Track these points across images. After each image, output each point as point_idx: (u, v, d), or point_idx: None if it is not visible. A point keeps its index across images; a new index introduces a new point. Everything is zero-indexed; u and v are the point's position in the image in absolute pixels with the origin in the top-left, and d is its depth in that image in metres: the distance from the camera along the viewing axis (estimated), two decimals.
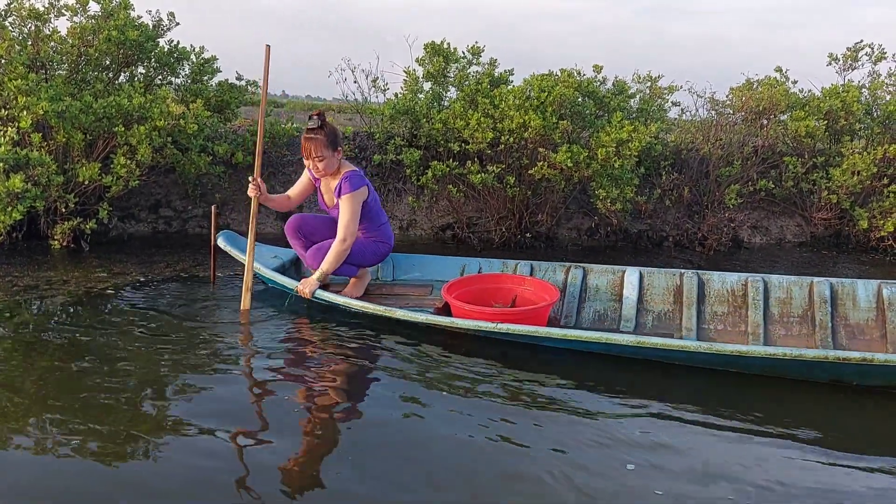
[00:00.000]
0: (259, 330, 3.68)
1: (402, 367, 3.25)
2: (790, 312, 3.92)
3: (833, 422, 2.87)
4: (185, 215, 6.30)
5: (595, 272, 4.28)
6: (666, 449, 2.53)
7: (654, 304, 4.11)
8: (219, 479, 2.22)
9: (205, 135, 5.95)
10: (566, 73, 6.30)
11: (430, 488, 2.22)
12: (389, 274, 4.59)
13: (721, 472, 2.39)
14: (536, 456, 2.43)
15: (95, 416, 2.57)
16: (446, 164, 5.94)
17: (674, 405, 2.90)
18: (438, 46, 6.42)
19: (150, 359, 3.17)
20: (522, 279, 4.14)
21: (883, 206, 6.18)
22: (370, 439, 2.53)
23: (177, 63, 6.24)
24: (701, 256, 6.04)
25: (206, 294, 4.29)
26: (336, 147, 3.96)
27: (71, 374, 2.94)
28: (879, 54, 6.81)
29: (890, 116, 6.40)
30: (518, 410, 2.81)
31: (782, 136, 6.63)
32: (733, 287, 4.03)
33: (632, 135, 5.67)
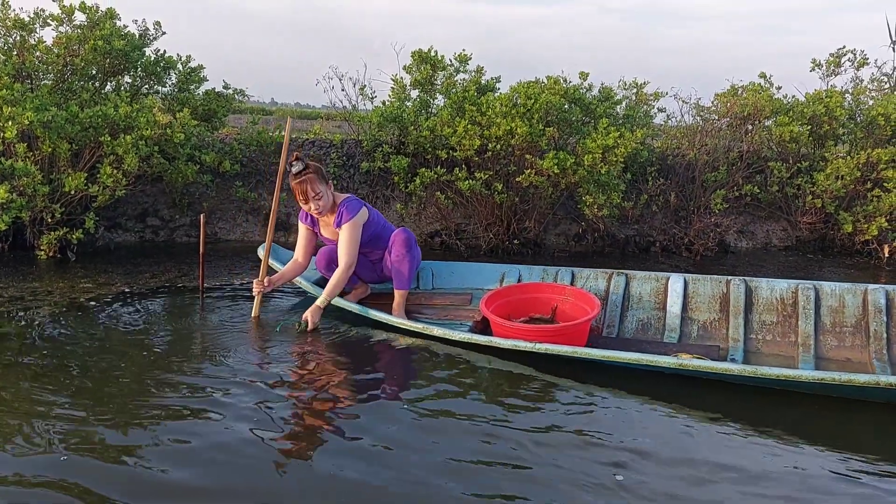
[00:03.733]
0: (263, 337, 3.67)
1: (406, 371, 3.26)
2: (843, 322, 3.73)
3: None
4: (173, 224, 6.29)
5: (638, 279, 4.15)
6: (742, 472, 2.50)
7: (699, 312, 3.97)
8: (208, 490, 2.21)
9: (192, 144, 5.95)
10: (552, 80, 6.33)
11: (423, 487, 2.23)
12: (428, 283, 4.50)
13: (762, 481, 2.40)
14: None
15: (80, 430, 2.55)
16: (434, 171, 5.96)
17: (730, 422, 2.81)
18: (426, 54, 6.44)
19: (136, 370, 3.15)
20: (563, 289, 4.01)
21: (867, 210, 6.23)
22: (368, 445, 2.53)
23: (163, 72, 6.23)
24: (688, 261, 6.07)
25: (194, 303, 4.28)
26: (327, 180, 3.94)
27: (55, 386, 2.92)
28: (862, 60, 6.89)
29: (873, 121, 6.47)
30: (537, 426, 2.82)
31: (767, 141, 6.69)
32: (782, 295, 3.86)
33: (618, 141, 5.70)
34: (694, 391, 3.10)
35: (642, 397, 3.02)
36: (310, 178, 3.81)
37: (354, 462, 2.40)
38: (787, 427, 2.78)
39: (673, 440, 2.68)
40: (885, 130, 6.46)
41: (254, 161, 6.52)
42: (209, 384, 3.01)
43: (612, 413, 2.90)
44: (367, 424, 2.70)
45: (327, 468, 2.35)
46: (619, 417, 2.87)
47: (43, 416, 2.64)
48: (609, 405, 2.97)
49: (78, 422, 2.61)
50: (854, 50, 6.93)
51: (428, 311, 4.15)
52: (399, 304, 4.03)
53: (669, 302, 4.00)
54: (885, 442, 2.75)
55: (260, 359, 3.38)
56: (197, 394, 2.92)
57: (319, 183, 3.85)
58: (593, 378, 3.20)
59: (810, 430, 2.79)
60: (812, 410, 2.96)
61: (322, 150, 6.68)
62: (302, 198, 3.87)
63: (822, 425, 2.87)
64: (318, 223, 4.09)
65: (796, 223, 6.65)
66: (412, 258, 4.05)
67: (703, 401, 3.01)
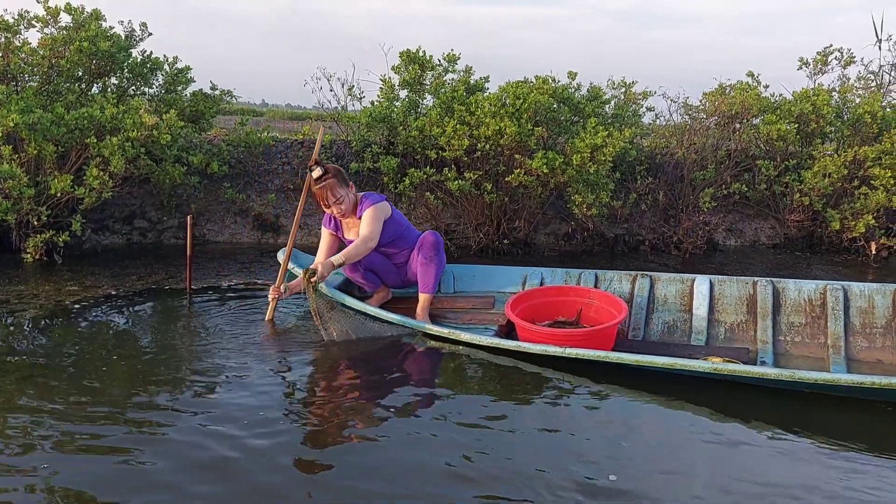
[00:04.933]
0: (261, 338, 3.64)
1: (428, 375, 3.26)
2: (873, 323, 3.67)
3: None
4: (161, 226, 6.25)
5: (663, 281, 4.10)
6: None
7: (725, 314, 3.90)
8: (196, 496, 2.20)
9: (179, 145, 5.92)
10: (541, 80, 6.33)
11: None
12: (450, 286, 4.45)
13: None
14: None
15: (66, 433, 2.53)
16: (423, 171, 5.95)
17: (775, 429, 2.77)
18: (414, 54, 6.43)
19: (123, 373, 3.13)
20: (588, 292, 3.97)
21: (854, 208, 6.26)
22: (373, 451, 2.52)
23: (150, 73, 6.20)
24: (677, 259, 6.09)
25: (182, 305, 4.25)
26: (347, 182, 3.92)
27: (41, 390, 2.90)
28: (848, 58, 6.92)
29: (859, 119, 6.51)
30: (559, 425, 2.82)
31: (755, 139, 6.71)
32: (810, 296, 3.81)
33: (606, 140, 5.70)
34: (721, 394, 3.07)
35: (669, 400, 3.00)
36: (330, 183, 3.80)
37: (364, 465, 2.38)
38: (813, 430, 2.75)
39: (697, 447, 2.69)
40: (871, 128, 6.50)
41: (242, 162, 6.50)
42: (197, 386, 2.99)
43: (643, 415, 2.90)
44: (383, 426, 2.69)
45: (335, 474, 2.33)
46: (648, 419, 2.86)
47: (29, 418, 2.62)
48: (638, 409, 2.95)
49: (64, 425, 2.58)
50: (841, 48, 6.98)
51: (451, 315, 4.11)
52: (423, 308, 3.98)
53: (695, 304, 3.95)
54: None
55: (259, 360, 3.34)
56: (184, 396, 2.90)
57: (340, 187, 3.84)
58: (620, 381, 3.16)
59: (837, 432, 2.75)
60: (829, 412, 2.94)
61: (311, 151, 6.65)
62: (324, 203, 3.86)
63: (841, 426, 2.84)
64: (342, 227, 4.06)
65: (784, 221, 6.68)
66: (440, 262, 4.03)
67: (731, 404, 2.97)
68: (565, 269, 4.36)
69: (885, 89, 7.40)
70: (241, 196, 6.31)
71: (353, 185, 3.98)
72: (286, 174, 6.60)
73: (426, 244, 3.98)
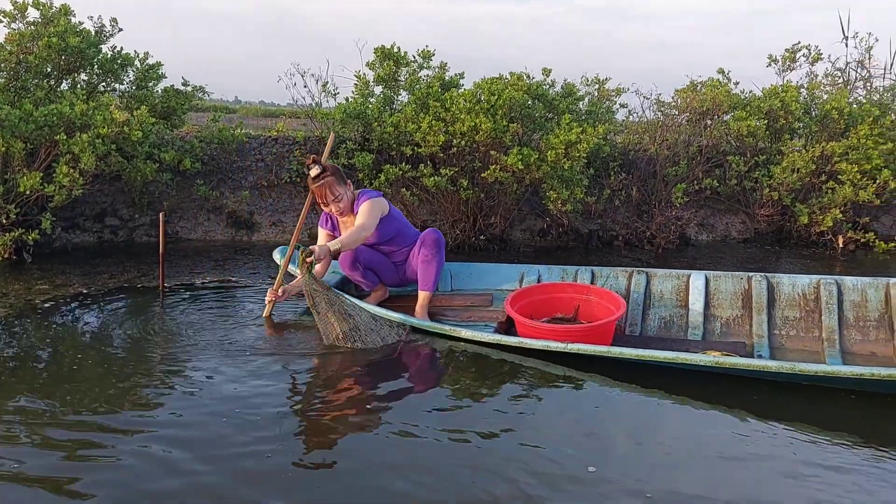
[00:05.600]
0: (240, 335, 3.61)
1: (426, 372, 3.25)
2: (866, 316, 3.74)
3: None
4: (132, 224, 6.17)
5: (658, 277, 4.13)
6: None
7: (721, 309, 3.96)
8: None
9: (150, 142, 5.85)
10: (516, 77, 6.37)
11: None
12: (447, 284, 4.43)
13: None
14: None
15: (37, 433, 2.49)
16: (399, 167, 5.94)
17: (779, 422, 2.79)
18: (389, 51, 6.42)
19: (95, 371, 3.09)
20: (586, 288, 4.00)
21: (822, 202, 6.39)
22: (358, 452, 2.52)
23: (120, 69, 6.12)
24: (650, 254, 6.16)
25: (154, 303, 4.21)
26: (345, 181, 3.90)
27: (9, 390, 2.85)
28: (816, 55, 7.05)
29: (827, 115, 6.64)
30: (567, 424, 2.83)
31: (725, 135, 6.81)
32: (804, 290, 3.87)
33: (580, 136, 5.75)
34: (715, 388, 3.09)
35: (660, 394, 3.02)
36: (328, 181, 3.80)
37: (366, 465, 2.36)
38: (806, 421, 2.78)
39: (689, 435, 2.73)
40: (838, 124, 6.63)
41: (215, 159, 6.44)
42: (171, 383, 2.97)
43: (634, 408, 2.94)
44: (379, 428, 2.67)
45: (331, 475, 2.30)
46: (641, 413, 2.90)
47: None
48: (628, 403, 2.99)
49: (34, 425, 2.55)
50: (808, 46, 7.10)
51: (449, 313, 4.10)
52: (423, 306, 3.98)
53: (691, 299, 3.99)
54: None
55: (238, 360, 3.29)
56: (158, 393, 2.87)
57: (338, 185, 3.84)
58: (615, 376, 3.17)
59: (833, 424, 2.78)
60: (826, 405, 2.98)
61: (285, 148, 6.62)
62: (322, 201, 3.85)
63: (836, 418, 2.88)
64: (339, 226, 4.04)
65: (754, 215, 6.79)
66: (440, 260, 4.03)
67: (725, 397, 2.99)
68: (562, 267, 4.40)
69: (852, 86, 7.54)
70: (214, 193, 6.25)
71: (351, 183, 3.97)
72: (260, 171, 6.56)
73: (428, 242, 3.98)
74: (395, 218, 4.03)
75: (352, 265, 3.97)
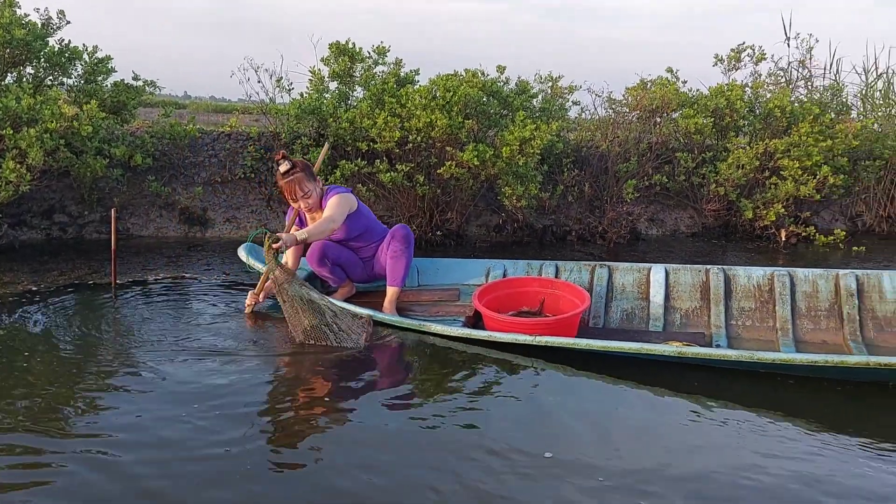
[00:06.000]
0: (192, 331, 3.58)
1: (392, 367, 3.26)
2: (817, 306, 3.90)
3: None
4: (82, 221, 6.05)
5: (620, 270, 4.24)
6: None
7: (681, 301, 4.08)
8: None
9: (100, 137, 5.74)
10: (471, 74, 6.43)
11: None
12: (414, 280, 4.47)
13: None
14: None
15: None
16: (355, 163, 5.95)
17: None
18: (343, 46, 6.42)
19: (45, 369, 3.05)
20: (551, 282, 4.09)
21: (765, 197, 6.62)
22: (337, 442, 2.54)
23: (68, 63, 5.98)
24: (602, 249, 6.30)
25: (107, 301, 4.15)
26: (314, 177, 3.89)
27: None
28: (759, 55, 7.30)
29: (770, 113, 6.87)
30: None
31: (674, 132, 7.00)
32: (759, 282, 4.01)
33: (534, 133, 5.85)
34: (672, 377, 3.19)
35: (622, 382, 3.12)
36: (298, 177, 3.78)
37: (327, 464, 2.36)
38: (755, 405, 2.91)
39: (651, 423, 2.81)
40: (781, 122, 6.88)
41: (167, 155, 6.35)
42: (124, 384, 2.93)
43: (593, 397, 3.02)
44: (344, 426, 2.68)
45: (291, 476, 2.29)
46: (600, 402, 2.98)
47: None
48: (597, 390, 3.08)
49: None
50: (752, 46, 7.34)
51: (417, 308, 4.12)
52: (392, 302, 3.99)
53: (652, 292, 4.10)
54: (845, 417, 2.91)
55: (195, 356, 3.26)
56: (110, 394, 2.83)
57: (307, 181, 3.82)
58: (578, 366, 3.25)
59: (784, 410, 2.90)
60: (781, 392, 3.11)
61: (239, 143, 6.56)
62: (291, 197, 3.84)
63: (786, 403, 3.01)
64: (307, 222, 4.03)
65: (702, 210, 7.00)
66: (409, 256, 4.04)
67: (682, 385, 3.10)
68: (527, 261, 4.48)
69: (794, 85, 7.82)
70: (166, 189, 6.16)
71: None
72: (213, 167, 6.49)
73: (397, 238, 4.00)
74: (363, 214, 4.05)
75: (320, 261, 3.97)
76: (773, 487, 2.29)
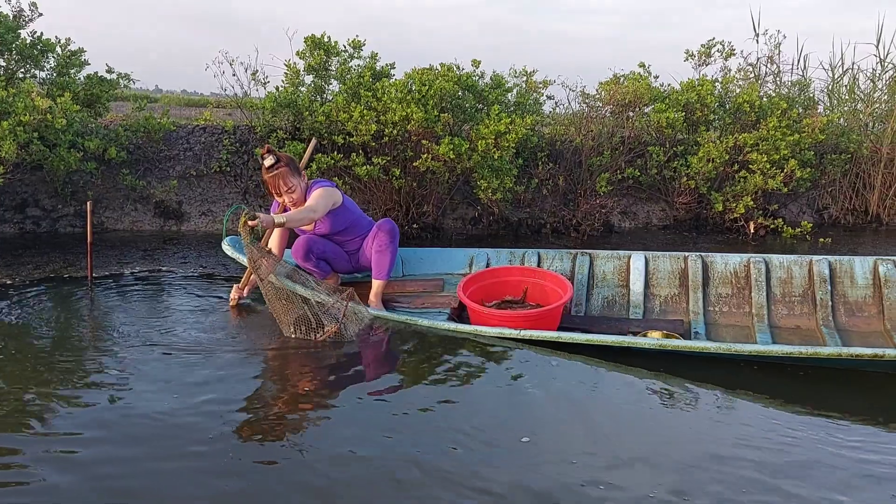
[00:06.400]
0: (169, 325, 3.58)
1: (377, 359, 3.29)
2: (791, 292, 4.01)
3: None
4: (55, 214, 6.01)
5: (601, 258, 4.31)
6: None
7: (660, 288, 4.17)
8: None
9: (74, 130, 5.70)
10: (446, 68, 6.48)
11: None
12: (399, 270, 4.48)
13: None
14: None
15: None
16: (331, 156, 5.97)
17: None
18: (319, 40, 6.43)
19: (21, 362, 3.04)
20: (534, 271, 4.17)
21: (735, 190, 6.76)
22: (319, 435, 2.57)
23: (41, 55, 5.92)
24: (575, 241, 6.40)
25: (83, 294, 4.14)
26: (300, 171, 3.90)
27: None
28: (729, 51, 7.42)
29: (739, 108, 7.01)
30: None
31: (646, 126, 7.10)
32: (736, 269, 4.11)
33: (509, 127, 5.92)
34: (659, 363, 3.29)
35: (601, 368, 3.20)
36: (282, 171, 3.78)
37: (319, 464, 2.33)
38: (734, 389, 3.02)
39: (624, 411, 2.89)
40: (749, 116, 7.02)
41: (141, 148, 6.32)
42: (99, 381, 2.89)
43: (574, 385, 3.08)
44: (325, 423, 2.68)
45: (267, 472, 2.28)
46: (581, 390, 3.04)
47: None
48: (577, 376, 3.14)
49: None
50: (722, 42, 7.46)
51: (402, 300, 4.15)
52: (377, 294, 4.02)
53: (632, 279, 4.19)
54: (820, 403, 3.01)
55: (168, 348, 3.25)
56: (85, 390, 2.80)
57: (292, 176, 3.82)
58: (559, 353, 3.32)
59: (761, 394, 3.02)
60: (756, 377, 3.24)
61: (214, 137, 6.55)
62: (275, 191, 3.83)
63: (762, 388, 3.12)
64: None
65: (673, 203, 7.13)
66: (394, 250, 4.08)
67: (670, 370, 3.20)
68: (510, 250, 4.55)
69: (762, 80, 7.98)
70: (140, 183, 6.14)
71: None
72: (188, 160, 6.47)
73: (383, 231, 4.03)
74: (348, 209, 4.08)
75: (304, 256, 3.98)
76: (748, 471, 2.37)
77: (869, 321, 3.89)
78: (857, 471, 2.37)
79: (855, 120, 8.02)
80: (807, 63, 8.53)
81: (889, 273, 3.93)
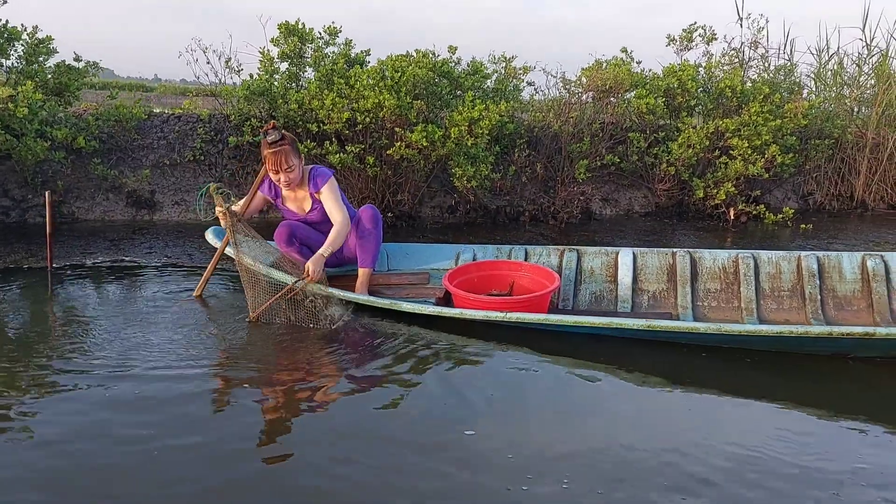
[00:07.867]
0: (142, 314, 3.52)
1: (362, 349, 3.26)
2: (780, 287, 4.02)
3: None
4: (25, 205, 5.93)
5: (589, 254, 4.29)
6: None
7: (648, 284, 4.16)
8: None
9: (41, 119, 5.61)
10: (421, 54, 6.39)
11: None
12: (384, 264, 4.46)
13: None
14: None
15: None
16: (305, 144, 5.89)
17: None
18: (293, 27, 6.34)
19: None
20: (521, 265, 4.14)
21: (716, 177, 6.68)
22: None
23: (7, 44, 5.83)
24: (554, 229, 6.32)
25: (41, 285, 4.08)
26: (300, 154, 3.85)
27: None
28: (710, 35, 7.33)
29: (721, 93, 6.92)
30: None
31: (627, 113, 7.02)
32: (724, 264, 4.11)
33: (483, 113, 5.83)
34: (638, 356, 3.28)
35: (576, 360, 3.17)
36: (285, 149, 3.71)
37: (301, 455, 2.31)
38: (706, 383, 3.00)
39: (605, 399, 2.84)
40: (731, 101, 6.93)
41: (114, 137, 6.24)
42: (53, 380, 2.80)
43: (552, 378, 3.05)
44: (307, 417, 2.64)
45: (251, 467, 2.23)
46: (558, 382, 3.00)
47: None
48: (555, 372, 3.10)
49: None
50: (704, 26, 7.37)
51: (388, 292, 4.10)
52: (363, 283, 3.97)
53: (620, 274, 4.17)
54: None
55: (133, 342, 3.19)
56: (36, 385, 2.75)
57: (294, 156, 3.76)
58: (543, 348, 3.28)
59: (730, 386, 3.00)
60: (740, 369, 3.20)
61: (188, 125, 6.46)
62: (274, 168, 3.74)
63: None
64: (282, 196, 3.98)
65: (655, 190, 7.04)
66: (378, 236, 4.02)
67: (647, 363, 3.19)
68: (496, 245, 4.53)
69: (747, 65, 7.88)
70: (112, 172, 6.06)
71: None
72: (161, 149, 6.38)
73: (366, 218, 3.98)
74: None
75: (288, 241, 3.92)
76: (722, 462, 2.33)
77: (858, 315, 3.88)
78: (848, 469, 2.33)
79: (840, 105, 7.93)
80: (793, 48, 8.46)
81: (877, 267, 3.92)
